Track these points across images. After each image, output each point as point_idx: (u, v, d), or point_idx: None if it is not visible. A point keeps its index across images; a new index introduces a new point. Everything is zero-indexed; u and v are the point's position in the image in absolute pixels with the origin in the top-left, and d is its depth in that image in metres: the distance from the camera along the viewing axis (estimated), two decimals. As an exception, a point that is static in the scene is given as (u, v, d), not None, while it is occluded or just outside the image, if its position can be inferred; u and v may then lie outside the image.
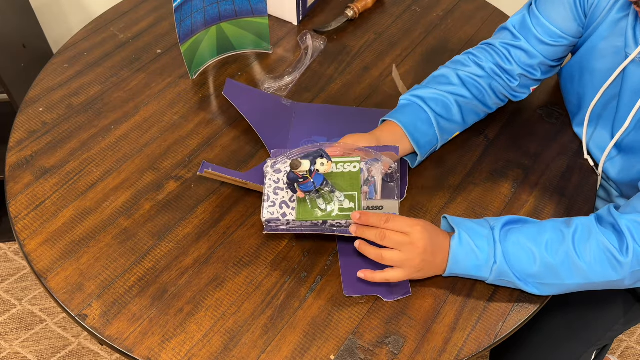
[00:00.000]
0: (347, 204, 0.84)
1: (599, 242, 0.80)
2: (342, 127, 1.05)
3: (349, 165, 0.86)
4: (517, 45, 1.00)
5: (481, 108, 1.03)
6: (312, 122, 1.08)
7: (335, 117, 1.09)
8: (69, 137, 1.04)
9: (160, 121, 1.07)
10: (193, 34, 1.10)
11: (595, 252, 0.80)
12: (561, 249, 0.81)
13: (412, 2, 1.35)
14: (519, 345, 1.06)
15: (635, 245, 0.78)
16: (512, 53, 1.01)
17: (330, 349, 0.81)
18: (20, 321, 1.64)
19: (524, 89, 1.05)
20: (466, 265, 0.83)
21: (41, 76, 1.14)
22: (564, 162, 1.04)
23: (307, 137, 1.04)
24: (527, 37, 1.00)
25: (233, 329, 0.82)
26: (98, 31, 1.24)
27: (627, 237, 0.79)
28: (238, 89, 1.09)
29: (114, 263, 0.88)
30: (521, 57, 1.01)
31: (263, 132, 1.03)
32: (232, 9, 1.13)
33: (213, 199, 0.96)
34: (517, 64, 1.01)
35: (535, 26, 0.99)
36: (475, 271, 0.83)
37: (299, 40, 1.23)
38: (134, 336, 0.81)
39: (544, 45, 0.99)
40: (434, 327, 0.83)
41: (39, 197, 0.95)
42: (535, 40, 0.99)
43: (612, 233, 0.80)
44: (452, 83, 1.00)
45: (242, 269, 0.88)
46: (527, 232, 0.83)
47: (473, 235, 0.83)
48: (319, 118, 1.08)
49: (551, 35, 0.98)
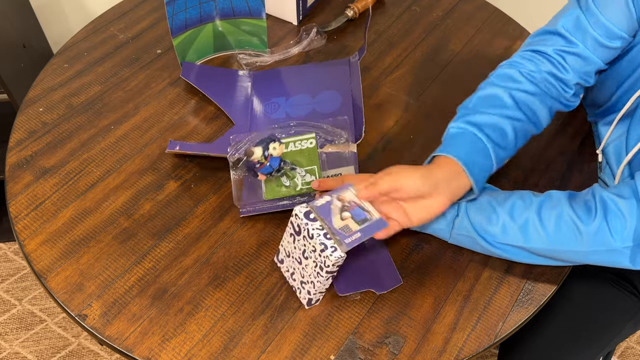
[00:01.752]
0: (308, 178, 0.93)
1: (563, 211, 0.80)
2: (298, 83, 1.13)
3: (306, 142, 0.94)
4: (572, 52, 0.90)
5: (532, 130, 0.92)
6: (270, 85, 1.13)
7: (291, 77, 1.15)
8: (69, 137, 1.04)
9: (160, 121, 1.07)
10: (187, 28, 1.10)
11: (558, 219, 0.80)
12: (524, 213, 0.81)
13: (412, 2, 1.35)
14: (526, 353, 1.05)
15: (604, 223, 0.77)
16: (567, 60, 0.91)
17: (330, 349, 0.81)
18: (20, 321, 1.64)
19: (576, 98, 0.96)
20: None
21: (41, 76, 1.14)
22: (564, 162, 1.04)
23: (266, 101, 1.10)
24: (584, 41, 0.89)
25: (233, 329, 0.82)
26: (98, 31, 1.24)
27: (598, 211, 0.78)
28: (194, 68, 1.14)
29: (114, 263, 0.88)
30: (577, 63, 0.91)
31: (225, 105, 1.08)
32: (229, 7, 1.13)
33: (213, 199, 0.96)
34: (573, 72, 0.91)
35: (593, 26, 0.88)
36: (436, 223, 0.86)
37: (301, 30, 1.23)
38: (134, 336, 0.81)
39: (603, 48, 0.89)
40: (434, 327, 0.83)
41: (39, 197, 0.95)
42: (593, 43, 0.89)
43: (581, 207, 0.79)
44: (506, 106, 0.88)
45: (242, 269, 0.88)
46: (495, 195, 0.85)
47: None
48: (276, 80, 1.14)
49: (611, 36, 0.87)
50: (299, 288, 0.84)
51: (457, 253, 0.91)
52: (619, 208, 0.77)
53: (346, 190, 0.82)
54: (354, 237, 0.77)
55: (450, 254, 0.91)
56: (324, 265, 0.77)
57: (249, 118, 1.07)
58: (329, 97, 1.10)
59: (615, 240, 0.77)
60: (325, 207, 0.80)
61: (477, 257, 0.91)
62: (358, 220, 0.79)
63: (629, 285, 1.06)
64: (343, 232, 0.77)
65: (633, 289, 1.06)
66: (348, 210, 0.80)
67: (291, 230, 0.81)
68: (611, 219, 0.77)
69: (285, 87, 1.13)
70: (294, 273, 0.84)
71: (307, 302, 0.83)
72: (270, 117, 1.07)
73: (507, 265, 0.90)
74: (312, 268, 0.79)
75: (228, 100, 1.10)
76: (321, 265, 0.77)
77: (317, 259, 0.78)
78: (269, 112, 1.08)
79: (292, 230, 0.81)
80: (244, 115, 1.07)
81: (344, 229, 0.78)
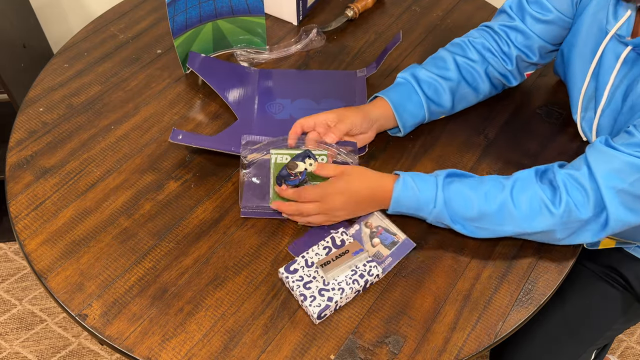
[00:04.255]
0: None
1: (534, 193, 0.85)
2: (304, 88, 1.13)
3: (318, 157, 0.95)
4: (513, 26, 1.02)
5: (473, 95, 1.06)
6: (276, 85, 1.14)
7: (297, 80, 1.15)
8: (69, 137, 1.04)
9: (160, 121, 1.07)
10: (187, 28, 1.10)
11: (531, 202, 0.85)
12: (498, 198, 0.86)
13: (412, 2, 1.35)
14: (519, 345, 1.06)
15: (568, 197, 0.83)
16: (509, 35, 1.02)
17: (330, 348, 0.81)
18: (20, 321, 1.64)
19: (519, 74, 1.06)
20: (408, 205, 0.89)
21: (41, 76, 1.14)
22: (564, 162, 1.04)
23: (271, 100, 1.10)
24: (523, 17, 1.01)
25: (233, 329, 0.82)
26: (98, 31, 1.24)
27: (560, 190, 0.83)
28: (203, 60, 1.14)
29: (114, 263, 0.88)
30: (518, 38, 1.02)
31: (229, 98, 1.08)
32: (228, 6, 1.13)
33: (213, 199, 0.96)
34: (514, 45, 1.02)
35: (530, 4, 1.00)
36: (416, 211, 0.90)
37: (301, 30, 1.23)
38: (134, 336, 0.81)
39: (540, 24, 1.00)
40: (434, 327, 0.83)
41: (39, 197, 0.95)
42: (531, 20, 1.00)
43: (548, 187, 0.85)
44: (448, 68, 1.02)
45: (242, 269, 0.88)
46: (469, 182, 0.89)
47: (417, 179, 0.89)
48: (282, 81, 1.15)
49: (546, 13, 0.99)
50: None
51: (457, 253, 0.91)
52: (577, 181, 0.84)
53: (372, 216, 0.92)
54: (387, 263, 0.88)
55: (450, 254, 0.91)
56: (308, 312, 0.83)
57: (254, 115, 1.07)
58: (333, 105, 1.09)
59: (582, 212, 0.83)
60: (357, 236, 0.90)
61: (477, 257, 0.91)
62: (387, 245, 0.90)
63: (621, 280, 1.07)
64: (377, 258, 0.88)
65: (626, 283, 1.06)
66: (377, 236, 0.90)
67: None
68: (573, 193, 0.83)
69: (291, 89, 1.13)
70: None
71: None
72: (274, 117, 1.07)
73: (507, 265, 0.90)
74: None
75: (233, 94, 1.10)
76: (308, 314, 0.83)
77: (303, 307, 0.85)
78: (274, 112, 1.08)
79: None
80: (248, 112, 1.07)
81: (376, 255, 0.89)
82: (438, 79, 1.01)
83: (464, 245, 0.91)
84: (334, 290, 0.83)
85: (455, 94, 1.03)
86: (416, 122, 1.03)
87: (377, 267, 0.86)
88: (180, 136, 0.96)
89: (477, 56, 1.03)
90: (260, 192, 0.94)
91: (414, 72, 1.02)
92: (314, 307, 0.82)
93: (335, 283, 0.84)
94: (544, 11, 0.99)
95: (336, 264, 0.84)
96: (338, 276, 0.84)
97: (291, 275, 0.85)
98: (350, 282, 0.84)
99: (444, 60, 1.03)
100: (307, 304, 0.82)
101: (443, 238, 0.92)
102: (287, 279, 0.85)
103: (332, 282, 0.84)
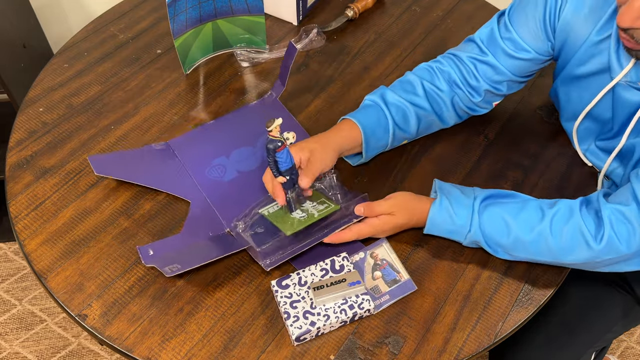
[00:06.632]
0: (321, 206, 0.90)
1: (576, 226, 0.83)
2: (230, 137, 1.03)
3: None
4: (484, 60, 0.98)
5: (437, 123, 1.03)
6: (199, 149, 1.01)
7: (216, 133, 1.04)
8: (69, 137, 1.04)
9: (160, 121, 1.07)
10: (187, 29, 1.10)
11: (571, 234, 0.83)
12: (537, 228, 0.84)
13: (412, 2, 1.35)
14: (518, 346, 1.06)
15: (612, 233, 0.81)
16: (478, 68, 0.99)
17: (330, 348, 0.81)
18: (20, 321, 1.64)
19: (486, 104, 1.03)
20: (443, 228, 0.89)
21: (41, 76, 1.14)
22: (564, 162, 1.04)
23: (206, 166, 0.99)
24: (495, 52, 0.97)
25: (233, 329, 0.82)
26: (98, 31, 1.24)
27: (605, 225, 0.82)
28: (106, 160, 0.98)
29: (114, 263, 0.88)
30: (487, 72, 0.98)
31: (164, 185, 0.96)
32: (228, 5, 1.13)
33: (213, 199, 0.96)
34: (483, 79, 0.99)
35: (504, 40, 0.96)
36: (451, 235, 0.89)
37: (301, 30, 1.23)
38: (134, 336, 0.81)
39: (512, 59, 0.96)
40: (434, 327, 0.83)
41: (39, 197, 0.95)
42: (503, 56, 0.97)
43: (593, 220, 0.83)
44: (417, 93, 0.99)
45: (242, 269, 0.88)
46: (508, 207, 0.87)
47: (454, 202, 0.88)
48: (201, 142, 1.02)
49: (519, 51, 0.95)
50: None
51: (457, 253, 0.91)
52: (624, 216, 0.81)
53: (380, 246, 0.90)
54: (382, 299, 0.85)
55: (450, 254, 0.91)
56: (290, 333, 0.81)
57: (203, 193, 0.95)
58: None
59: (625, 247, 0.81)
60: (359, 265, 0.88)
61: (477, 257, 0.91)
62: (388, 281, 0.86)
63: (623, 283, 1.07)
64: (373, 292, 0.85)
65: (627, 286, 1.06)
66: (380, 269, 0.87)
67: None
68: (618, 228, 0.81)
69: (217, 145, 1.02)
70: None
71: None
72: (223, 181, 0.97)
73: (507, 266, 0.90)
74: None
75: (163, 180, 0.96)
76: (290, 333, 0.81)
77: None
78: (219, 177, 0.97)
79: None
80: (194, 190, 0.96)
81: (374, 289, 0.86)
82: (407, 103, 0.98)
83: (464, 246, 0.91)
84: (319, 316, 0.81)
85: (422, 120, 1.00)
86: (379, 146, 0.98)
87: (370, 302, 0.82)
88: (151, 252, 0.87)
89: (444, 85, 1.00)
90: (269, 237, 0.88)
91: (383, 94, 0.99)
92: (294, 328, 0.80)
93: (323, 308, 0.81)
94: (517, 50, 0.95)
95: (329, 291, 0.81)
96: (327, 303, 0.82)
97: (281, 290, 0.83)
98: (337, 311, 0.81)
99: (412, 85, 1.00)
100: (289, 323, 0.80)
101: (443, 238, 0.92)
102: (276, 292, 0.83)
103: (320, 307, 0.82)
